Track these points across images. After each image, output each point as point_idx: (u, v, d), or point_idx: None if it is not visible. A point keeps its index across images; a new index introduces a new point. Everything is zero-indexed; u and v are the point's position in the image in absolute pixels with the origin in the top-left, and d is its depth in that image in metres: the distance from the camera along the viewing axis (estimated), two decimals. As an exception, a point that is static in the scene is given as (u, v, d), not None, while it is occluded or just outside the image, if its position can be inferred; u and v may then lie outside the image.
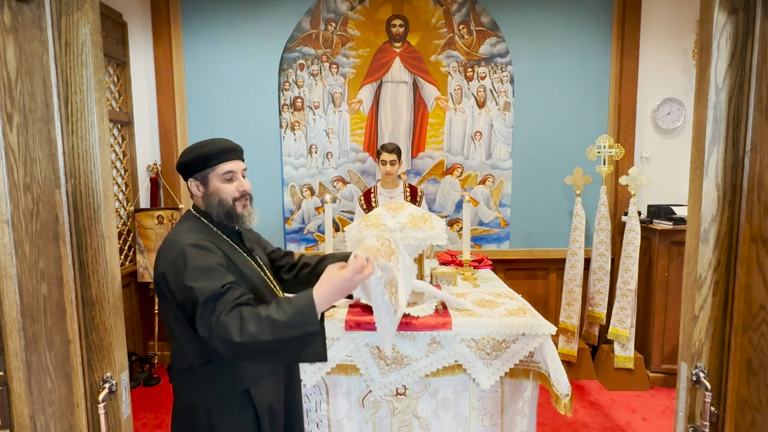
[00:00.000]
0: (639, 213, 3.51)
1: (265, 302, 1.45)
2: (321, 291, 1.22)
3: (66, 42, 0.96)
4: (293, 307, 1.20)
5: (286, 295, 1.58)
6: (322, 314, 1.25)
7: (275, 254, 1.73)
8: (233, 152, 1.44)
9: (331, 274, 1.24)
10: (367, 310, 2.15)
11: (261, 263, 1.56)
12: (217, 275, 1.28)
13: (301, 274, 1.70)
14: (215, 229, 1.46)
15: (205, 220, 1.46)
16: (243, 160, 1.49)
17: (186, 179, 1.46)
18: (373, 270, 1.25)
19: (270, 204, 3.89)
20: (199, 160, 1.41)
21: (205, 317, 1.22)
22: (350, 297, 2.08)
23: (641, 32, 3.68)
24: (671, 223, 3.42)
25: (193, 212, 1.49)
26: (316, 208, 3.94)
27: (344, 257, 1.68)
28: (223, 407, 1.37)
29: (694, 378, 1.03)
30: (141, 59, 3.77)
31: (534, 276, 3.97)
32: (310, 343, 1.19)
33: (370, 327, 2.02)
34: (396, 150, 3.21)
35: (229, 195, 1.43)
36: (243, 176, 1.47)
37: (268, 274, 1.57)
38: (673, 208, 3.51)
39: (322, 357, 1.22)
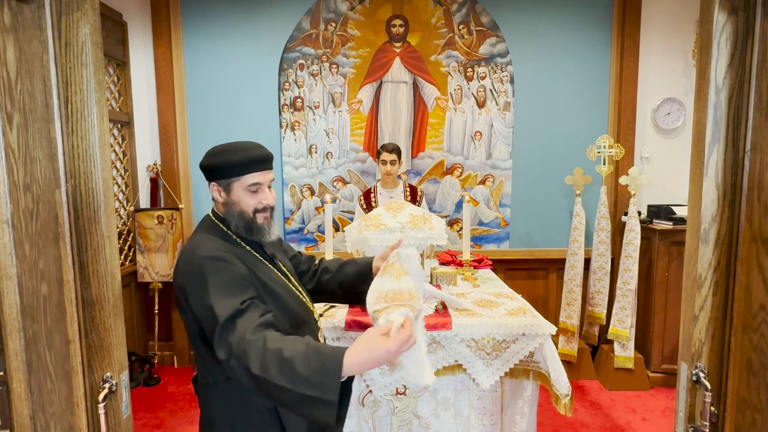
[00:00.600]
0: (639, 213, 3.51)
1: (294, 314, 1.39)
2: (356, 359, 1.06)
3: (66, 42, 0.96)
4: (319, 363, 1.06)
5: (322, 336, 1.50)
6: (351, 378, 1.11)
7: (296, 259, 1.67)
8: (263, 162, 1.36)
9: (373, 344, 1.06)
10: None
11: (285, 270, 1.48)
12: (237, 291, 1.22)
13: (322, 280, 1.64)
14: (235, 237, 1.39)
15: (224, 228, 1.39)
16: (272, 169, 1.41)
17: (208, 180, 1.38)
18: (416, 338, 1.10)
19: (270, 204, 3.88)
20: (226, 167, 1.33)
21: (224, 339, 1.15)
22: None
23: (641, 32, 3.68)
24: (671, 223, 3.42)
25: (213, 218, 1.42)
26: (316, 208, 3.95)
27: (366, 264, 1.63)
28: (248, 425, 1.32)
29: (694, 378, 1.03)
30: (141, 59, 3.77)
31: (534, 276, 3.97)
32: (322, 408, 1.05)
33: (370, 327, 2.02)
34: (396, 150, 3.21)
35: (250, 207, 1.36)
36: (269, 187, 1.40)
37: (294, 281, 1.49)
38: (673, 208, 3.51)
39: (332, 423, 1.08)
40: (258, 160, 1.34)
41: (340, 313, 2.12)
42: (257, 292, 1.29)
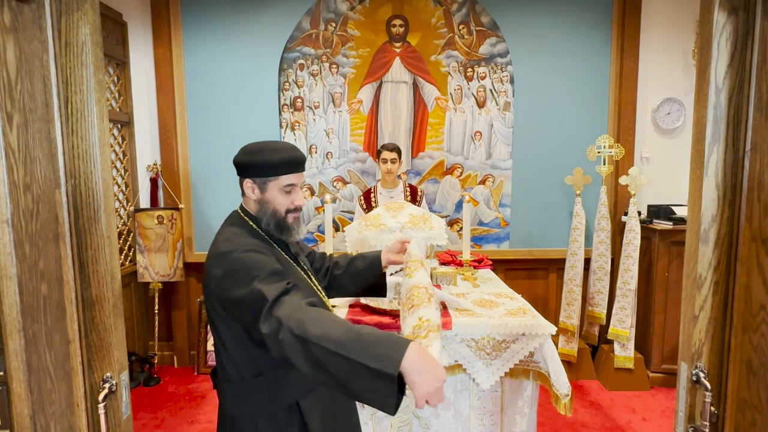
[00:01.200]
0: (639, 213, 3.51)
1: None
2: (417, 355, 1.00)
3: (66, 42, 0.96)
4: (385, 336, 1.04)
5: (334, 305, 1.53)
6: (404, 383, 1.02)
7: (311, 257, 1.70)
8: (299, 164, 1.40)
9: (433, 360, 1.03)
10: (367, 310, 2.15)
11: (306, 269, 1.53)
12: (279, 277, 1.24)
13: (334, 276, 1.68)
14: (263, 234, 1.42)
15: (254, 225, 1.42)
16: (305, 170, 1.44)
17: (241, 176, 1.41)
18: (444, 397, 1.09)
19: (270, 204, 3.88)
20: (264, 166, 1.37)
21: (271, 314, 1.14)
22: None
23: (641, 32, 3.68)
24: (671, 223, 3.42)
25: (242, 214, 1.44)
26: (316, 208, 3.94)
27: (375, 257, 1.70)
28: (270, 420, 1.34)
29: (694, 378, 1.03)
30: (141, 59, 3.77)
31: (534, 276, 3.97)
32: (380, 383, 0.98)
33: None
34: (396, 149, 3.22)
35: (283, 206, 1.40)
36: (301, 187, 1.45)
37: (314, 280, 1.54)
38: (673, 208, 3.51)
39: (390, 404, 0.99)
40: (295, 161, 1.39)
41: (340, 313, 2.12)
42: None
